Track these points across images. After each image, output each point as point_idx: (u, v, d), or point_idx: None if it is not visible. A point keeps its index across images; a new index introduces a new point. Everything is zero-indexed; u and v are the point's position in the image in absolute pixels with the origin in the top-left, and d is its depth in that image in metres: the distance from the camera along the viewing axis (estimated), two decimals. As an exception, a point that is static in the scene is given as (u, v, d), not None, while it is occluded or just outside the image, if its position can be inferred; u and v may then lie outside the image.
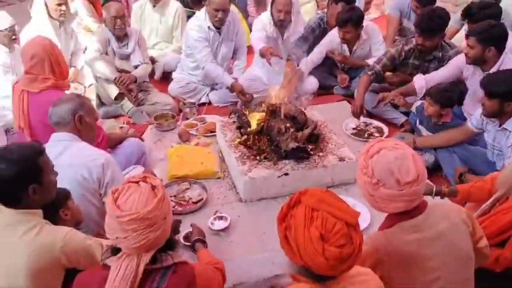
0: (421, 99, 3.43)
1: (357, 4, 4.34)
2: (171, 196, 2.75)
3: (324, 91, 4.26)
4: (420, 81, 3.40)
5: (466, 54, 3.04)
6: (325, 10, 4.30)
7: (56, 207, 1.89)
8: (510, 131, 2.56)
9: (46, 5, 3.94)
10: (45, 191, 1.77)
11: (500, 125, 2.63)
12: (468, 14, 3.59)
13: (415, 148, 3.13)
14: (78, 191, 2.10)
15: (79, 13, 4.81)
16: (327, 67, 4.29)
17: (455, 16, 4.14)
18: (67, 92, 2.92)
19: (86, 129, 2.31)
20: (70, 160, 2.14)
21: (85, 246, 1.75)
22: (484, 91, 2.59)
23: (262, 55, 3.87)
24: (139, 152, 2.98)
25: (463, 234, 1.60)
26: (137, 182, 1.45)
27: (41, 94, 2.72)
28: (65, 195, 1.96)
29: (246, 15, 5.37)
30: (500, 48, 2.94)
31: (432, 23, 3.35)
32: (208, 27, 3.92)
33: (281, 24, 4.02)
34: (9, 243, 1.66)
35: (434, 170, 3.06)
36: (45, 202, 1.80)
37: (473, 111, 2.95)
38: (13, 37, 3.62)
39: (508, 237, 1.96)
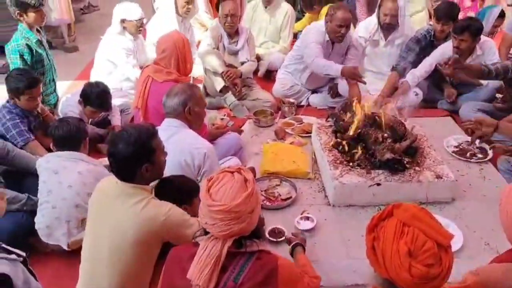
0: None
1: (484, 28, 4.11)
2: (261, 191, 2.86)
3: (428, 104, 4.09)
4: None
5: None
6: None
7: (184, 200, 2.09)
8: None
9: (175, 2, 4.30)
10: (156, 169, 1.98)
11: None
12: None
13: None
14: (179, 173, 2.29)
15: (198, 9, 5.14)
16: (434, 79, 4.11)
17: None
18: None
19: (195, 118, 2.51)
20: (177, 145, 2.34)
21: (183, 222, 1.92)
22: None
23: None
24: (237, 146, 3.14)
25: None
26: (232, 173, 1.55)
27: (162, 84, 2.97)
28: (193, 191, 2.14)
29: (355, 18, 5.31)
30: None
31: None
32: (326, 41, 3.93)
33: (387, 27, 3.98)
34: (121, 211, 1.87)
35: None
36: (155, 179, 2.02)
37: None
38: (140, 28, 3.99)
39: None
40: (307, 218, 2.63)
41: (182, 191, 2.13)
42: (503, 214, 1.55)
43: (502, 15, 4.41)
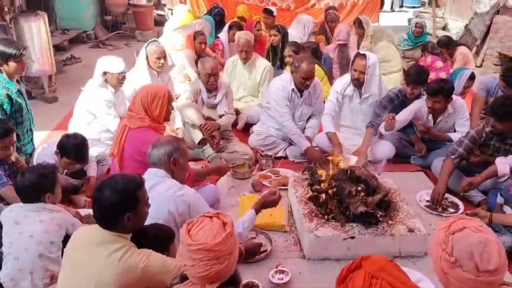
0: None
1: (455, 88, 4.35)
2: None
3: (400, 160, 4.21)
4: (504, 167, 3.29)
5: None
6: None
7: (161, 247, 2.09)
8: None
9: (147, 57, 4.42)
10: (137, 219, 2.01)
11: None
12: None
13: (494, 230, 2.99)
14: (162, 222, 2.30)
15: (184, 63, 5.30)
16: (406, 135, 4.27)
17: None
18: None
19: (179, 169, 2.55)
20: (161, 193, 2.38)
21: (163, 268, 1.92)
22: None
23: (329, 139, 4.09)
24: (214, 198, 3.18)
25: None
26: (210, 217, 1.61)
27: (136, 131, 3.04)
28: (169, 238, 2.17)
29: (331, 77, 5.54)
30: None
31: (504, 108, 3.27)
32: (292, 90, 4.13)
33: (356, 84, 4.14)
34: (101, 258, 1.87)
35: (510, 255, 2.87)
36: (135, 229, 2.03)
37: None
38: (122, 81, 4.05)
39: None
40: (282, 272, 2.62)
41: (158, 239, 2.13)
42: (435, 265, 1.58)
43: (472, 77, 4.68)
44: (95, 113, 3.96)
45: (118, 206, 1.91)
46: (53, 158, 3.35)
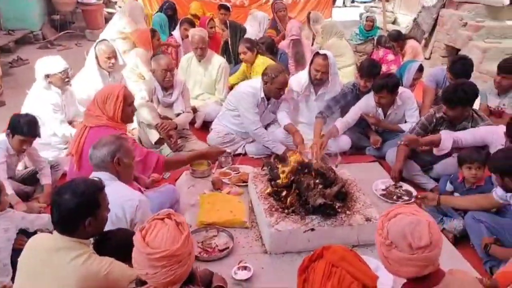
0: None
1: (405, 81, 4.61)
2: (198, 242, 2.84)
3: (356, 151, 4.32)
4: (447, 141, 3.42)
5: None
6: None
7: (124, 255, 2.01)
8: None
9: (96, 56, 4.30)
10: (98, 224, 1.95)
11: None
12: None
13: (445, 215, 3.13)
14: (110, 228, 2.21)
15: (136, 62, 5.18)
16: (361, 128, 4.38)
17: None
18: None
19: (124, 169, 2.47)
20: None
21: (126, 275, 1.88)
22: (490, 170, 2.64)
23: (287, 131, 4.14)
24: (173, 199, 3.11)
25: None
26: (162, 219, 1.56)
27: (96, 129, 2.94)
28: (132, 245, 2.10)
29: (287, 72, 5.59)
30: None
31: (455, 95, 3.44)
32: (262, 98, 4.14)
33: (317, 83, 4.21)
34: (61, 265, 1.81)
35: (462, 238, 3.02)
36: (94, 235, 1.98)
37: None
38: (66, 79, 3.88)
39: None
40: (244, 268, 2.62)
41: (120, 246, 2.06)
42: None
43: (421, 69, 4.85)
44: (42, 118, 3.78)
45: (79, 210, 1.84)
46: (4, 144, 3.21)
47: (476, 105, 3.90)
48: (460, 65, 4.16)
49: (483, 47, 6.67)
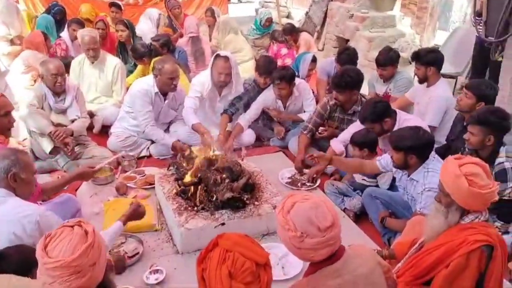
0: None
1: (300, 72, 4.85)
2: (106, 251, 2.71)
3: (261, 143, 4.43)
4: (338, 146, 3.75)
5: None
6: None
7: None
8: (417, 181, 2.78)
9: None
10: None
11: (408, 176, 2.86)
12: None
13: (345, 195, 3.33)
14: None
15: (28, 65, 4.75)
16: (264, 120, 4.51)
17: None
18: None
19: (21, 185, 2.29)
20: (4, 216, 2.13)
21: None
22: (391, 145, 2.84)
23: (195, 131, 4.10)
24: (74, 208, 2.94)
25: (379, 275, 1.72)
26: (72, 227, 1.49)
27: None
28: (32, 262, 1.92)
29: (188, 70, 5.54)
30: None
31: (342, 80, 3.76)
32: (156, 93, 4.04)
33: (221, 85, 4.24)
34: None
35: (361, 215, 3.24)
36: None
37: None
38: None
39: (433, 276, 2.08)
40: (156, 271, 2.57)
41: (20, 263, 1.89)
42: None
43: (314, 59, 5.10)
44: None
45: None
46: None
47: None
48: (345, 55, 4.59)
49: (369, 36, 7.20)
